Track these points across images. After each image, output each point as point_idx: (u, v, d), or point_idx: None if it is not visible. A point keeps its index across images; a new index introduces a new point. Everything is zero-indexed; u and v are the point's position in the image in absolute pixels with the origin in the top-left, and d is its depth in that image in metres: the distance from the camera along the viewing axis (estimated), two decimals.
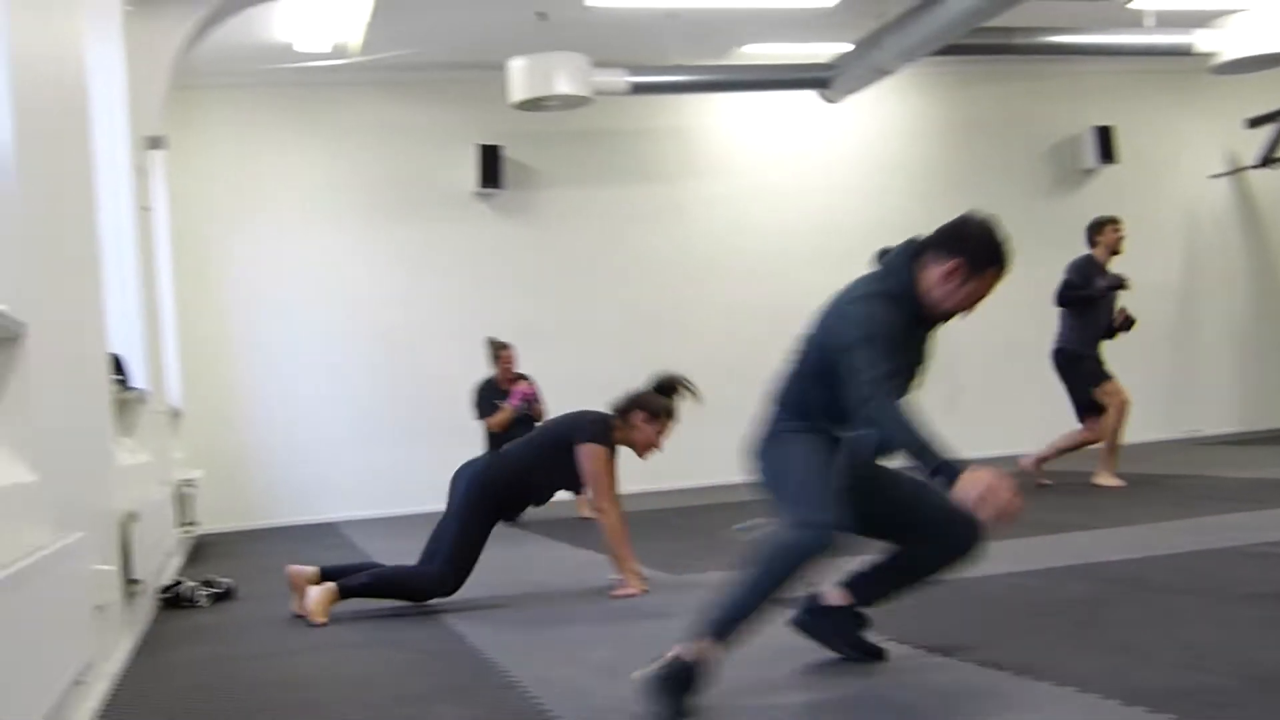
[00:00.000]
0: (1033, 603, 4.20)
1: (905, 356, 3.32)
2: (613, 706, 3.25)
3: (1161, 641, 3.45)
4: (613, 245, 10.97)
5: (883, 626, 3.89)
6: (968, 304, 3.34)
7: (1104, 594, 4.26)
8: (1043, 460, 8.08)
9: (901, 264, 3.40)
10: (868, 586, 3.57)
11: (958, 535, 3.40)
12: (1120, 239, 8.11)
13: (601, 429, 5.23)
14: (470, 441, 10.33)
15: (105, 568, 3.97)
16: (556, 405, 10.55)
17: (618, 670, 3.68)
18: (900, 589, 3.57)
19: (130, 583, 4.58)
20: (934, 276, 3.32)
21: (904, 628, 3.86)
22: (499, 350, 9.01)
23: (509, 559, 6.80)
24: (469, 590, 5.53)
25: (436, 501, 9.32)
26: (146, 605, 5.33)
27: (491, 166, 10.51)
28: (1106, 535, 5.81)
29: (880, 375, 3.15)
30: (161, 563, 5.83)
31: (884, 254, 3.55)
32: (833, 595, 3.58)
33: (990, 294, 3.36)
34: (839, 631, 3.58)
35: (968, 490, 2.96)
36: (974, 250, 3.30)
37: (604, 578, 5.33)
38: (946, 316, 3.39)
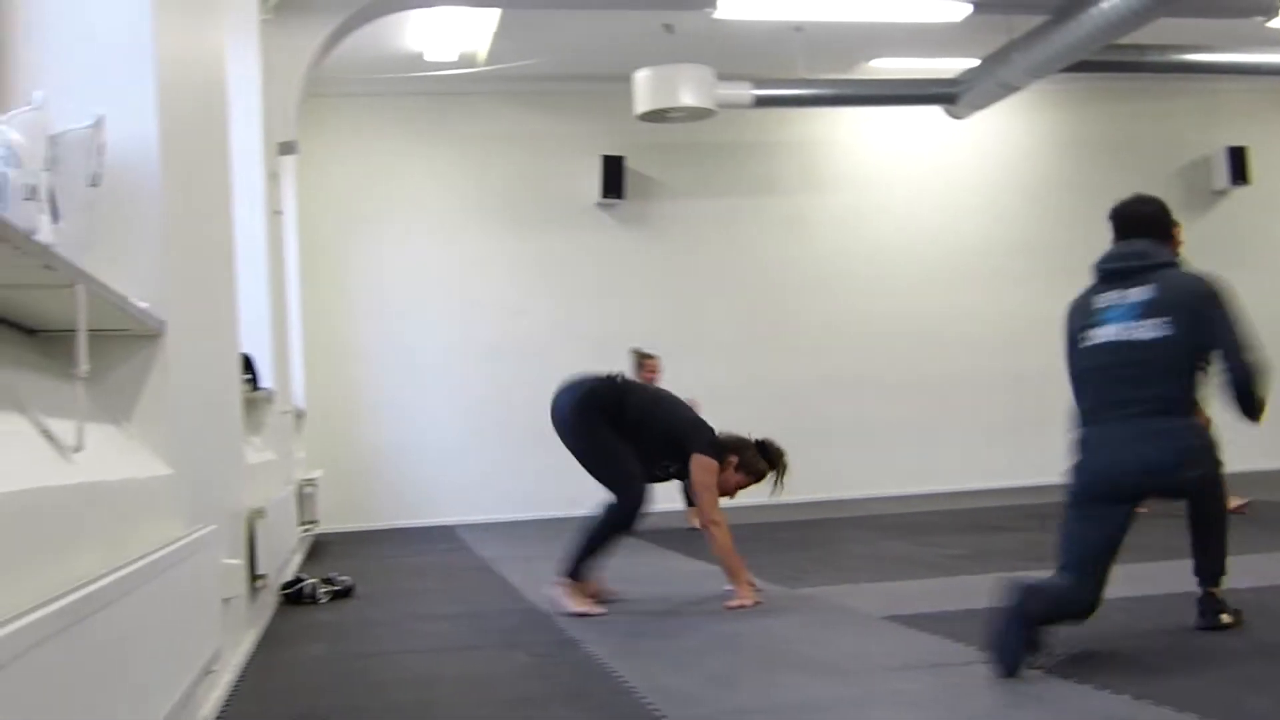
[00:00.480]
0: (1148, 628, 4.12)
1: None
2: (723, 715, 3.26)
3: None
4: (733, 257, 11.00)
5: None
6: None
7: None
8: None
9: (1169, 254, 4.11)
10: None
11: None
12: (1180, 243, 7.83)
13: (717, 448, 5.27)
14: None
15: (233, 561, 4.07)
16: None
17: (729, 680, 3.70)
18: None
19: (255, 577, 4.70)
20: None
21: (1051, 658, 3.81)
22: (643, 360, 9.02)
23: (623, 568, 6.83)
24: None
25: (553, 508, 9.58)
26: (269, 600, 5.45)
27: (614, 177, 10.61)
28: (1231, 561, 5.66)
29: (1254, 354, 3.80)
30: (284, 559, 5.96)
31: (1119, 260, 4.08)
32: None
33: None
34: (1023, 635, 3.53)
35: None
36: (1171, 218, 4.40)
37: (717, 588, 5.35)
38: None
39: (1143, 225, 4.17)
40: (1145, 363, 3.81)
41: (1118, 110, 11.75)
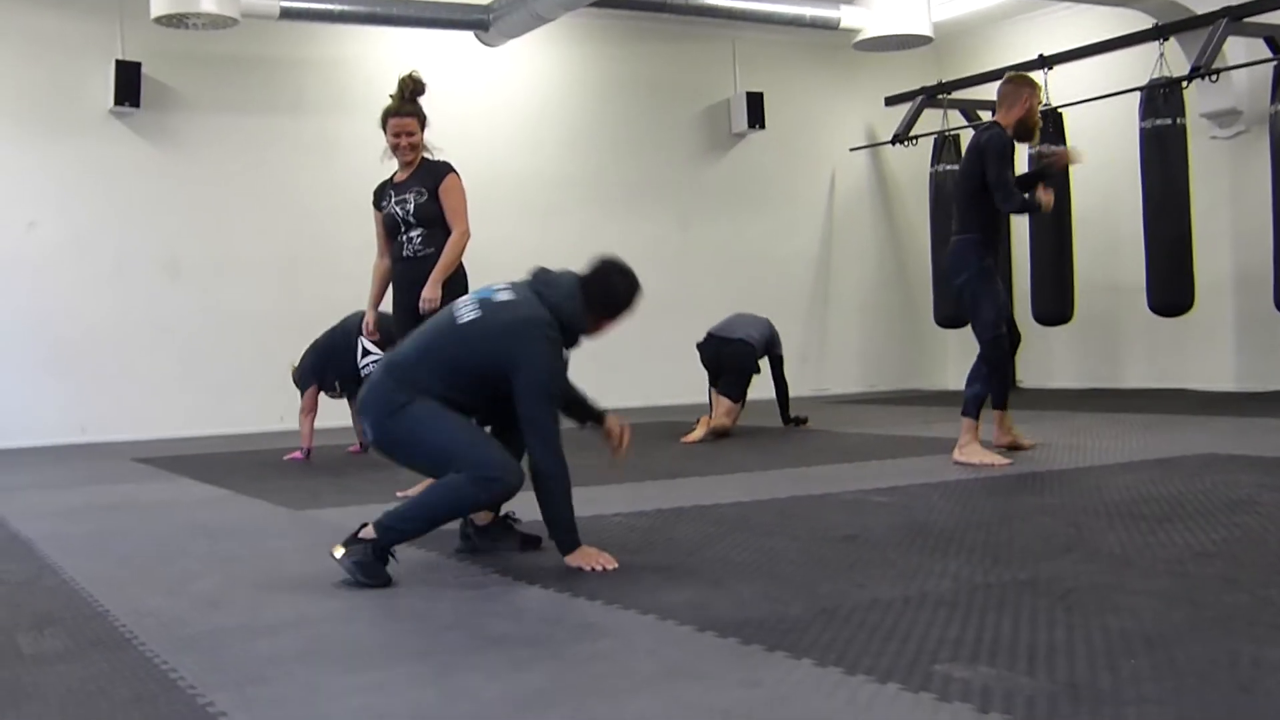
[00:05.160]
0: (639, 541, 4.33)
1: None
2: (203, 635, 3.17)
3: (750, 577, 3.61)
4: (258, 177, 10.58)
5: (490, 563, 3.96)
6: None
7: (709, 534, 4.43)
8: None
9: (577, 313, 3.88)
10: None
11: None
12: None
13: None
14: (107, 380, 9.89)
15: None
16: (189, 344, 10.20)
17: (218, 601, 3.61)
18: None
19: None
20: (594, 325, 3.93)
21: (510, 564, 3.93)
22: None
23: (127, 494, 6.53)
24: (63, 524, 5.33)
25: (66, 434, 9.14)
26: None
27: (130, 84, 9.93)
28: (720, 481, 6.06)
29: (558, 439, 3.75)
30: None
31: (543, 273, 3.97)
32: (479, 516, 4.15)
33: None
34: (501, 539, 4.19)
35: (577, 561, 3.78)
36: (624, 307, 3.95)
37: (226, 513, 5.20)
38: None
39: (594, 295, 3.96)
40: None
41: (649, 50, 12.16)
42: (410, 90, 5.59)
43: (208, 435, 9.83)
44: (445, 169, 5.62)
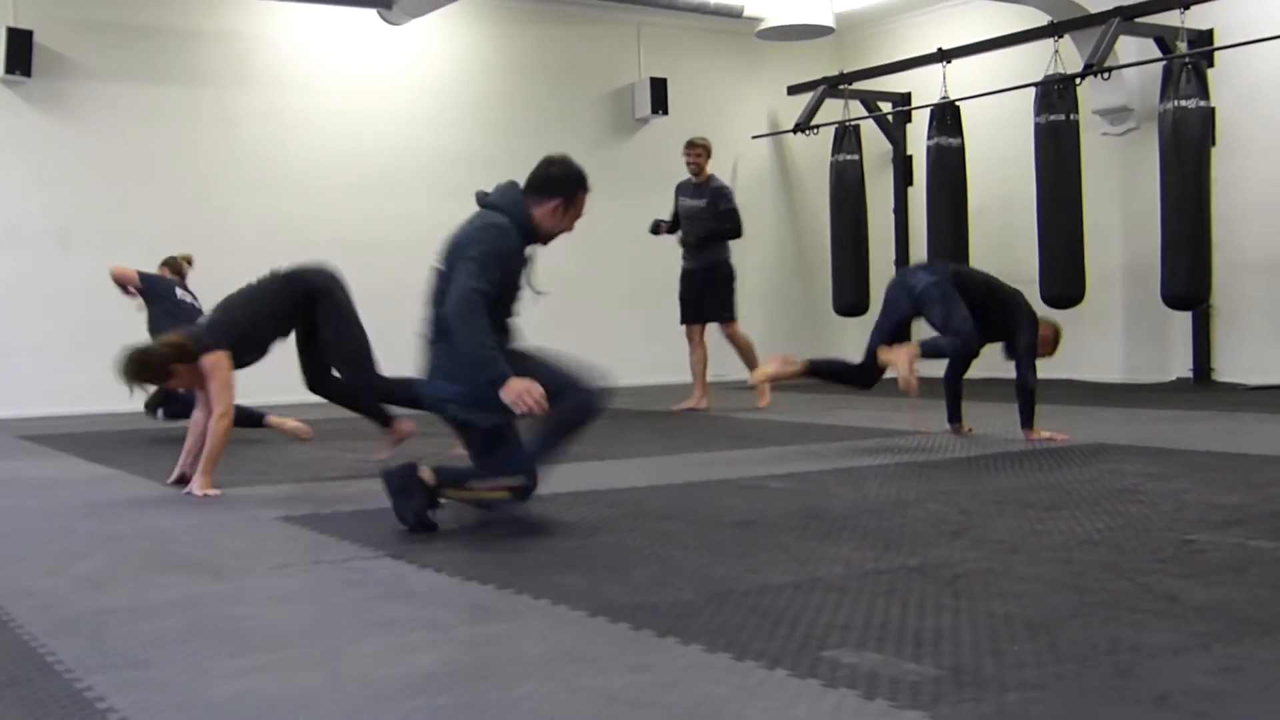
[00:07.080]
0: (535, 524, 4.32)
1: (508, 280, 4.25)
2: (85, 616, 3.10)
3: (644, 562, 3.62)
4: (154, 148, 10.37)
5: (383, 545, 3.92)
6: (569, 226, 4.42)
7: (605, 518, 4.43)
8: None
9: (513, 200, 4.30)
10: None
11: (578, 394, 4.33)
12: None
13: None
14: None
15: None
16: (82, 317, 9.99)
17: (104, 582, 3.53)
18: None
19: None
20: (546, 214, 4.34)
21: (402, 547, 3.90)
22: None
23: (3, 472, 6.38)
24: None
25: None
26: None
27: (21, 52, 9.67)
28: (619, 465, 6.07)
29: (479, 288, 4.05)
30: None
31: (484, 195, 4.36)
32: (424, 472, 4.17)
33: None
34: (420, 499, 4.15)
35: (508, 394, 4.00)
36: (564, 184, 4.36)
37: (114, 491, 5.10)
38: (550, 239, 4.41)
39: (532, 184, 4.40)
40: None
41: (553, 33, 12.11)
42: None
43: (101, 412, 9.63)
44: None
